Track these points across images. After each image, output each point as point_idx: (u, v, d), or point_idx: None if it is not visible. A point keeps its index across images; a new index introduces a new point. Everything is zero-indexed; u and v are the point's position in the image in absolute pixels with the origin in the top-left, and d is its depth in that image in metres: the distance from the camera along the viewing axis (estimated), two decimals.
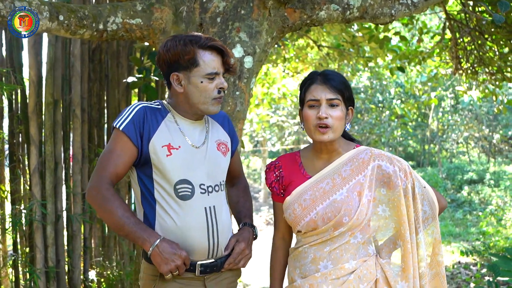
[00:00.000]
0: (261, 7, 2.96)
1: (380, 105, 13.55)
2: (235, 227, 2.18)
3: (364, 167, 1.99)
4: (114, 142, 1.95)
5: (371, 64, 9.08)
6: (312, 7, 3.05)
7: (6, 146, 4.13)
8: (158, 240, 1.87)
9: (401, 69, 7.62)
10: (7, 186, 4.03)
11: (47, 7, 2.71)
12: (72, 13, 2.81)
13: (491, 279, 3.88)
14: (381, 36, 6.77)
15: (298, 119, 15.05)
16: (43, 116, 3.67)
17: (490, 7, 3.87)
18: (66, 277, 4.01)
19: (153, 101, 2.09)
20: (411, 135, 15.39)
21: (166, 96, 2.39)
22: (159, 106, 2.04)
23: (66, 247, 4.02)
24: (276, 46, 8.22)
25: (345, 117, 2.01)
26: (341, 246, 1.96)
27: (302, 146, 17.40)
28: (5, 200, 4.15)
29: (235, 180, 2.33)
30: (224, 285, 2.09)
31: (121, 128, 1.93)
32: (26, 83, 3.85)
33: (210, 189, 2.03)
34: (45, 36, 3.70)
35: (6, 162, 4.14)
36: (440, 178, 14.89)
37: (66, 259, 3.94)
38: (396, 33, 7.22)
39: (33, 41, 3.62)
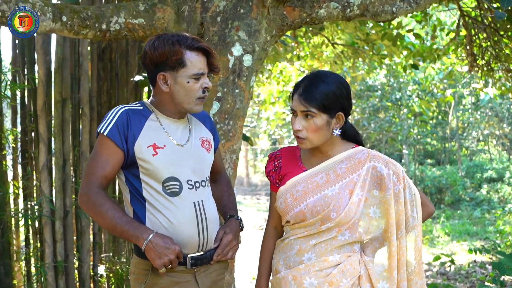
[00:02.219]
0: (260, 6, 3.00)
1: (398, 103, 13.45)
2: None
3: (359, 167, 2.03)
4: (100, 147, 2.01)
5: (387, 61, 9.05)
6: (312, 5, 3.08)
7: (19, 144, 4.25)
8: (151, 235, 1.92)
9: (415, 67, 7.57)
10: (20, 183, 4.15)
11: (50, 8, 2.79)
12: (75, 13, 2.88)
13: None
14: (394, 33, 6.74)
15: None
16: (52, 114, 3.76)
17: (495, 4, 3.85)
18: (76, 272, 4.11)
19: (135, 103, 2.13)
20: (429, 133, 15.26)
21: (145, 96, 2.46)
22: (141, 107, 2.09)
23: (75, 243, 4.11)
24: (292, 44, 8.24)
25: (328, 124, 2.01)
26: (327, 240, 2.00)
27: None
28: (19, 196, 4.28)
29: (217, 175, 2.38)
30: (212, 277, 2.15)
31: (105, 133, 1.98)
32: None
33: (197, 184, 2.09)
34: (54, 36, 3.79)
35: (19, 159, 4.26)
36: (459, 176, 14.75)
37: (75, 254, 4.03)
38: (409, 30, 7.18)
39: (42, 40, 3.71)
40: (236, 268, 3.12)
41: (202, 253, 2.08)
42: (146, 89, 4.69)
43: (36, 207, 3.86)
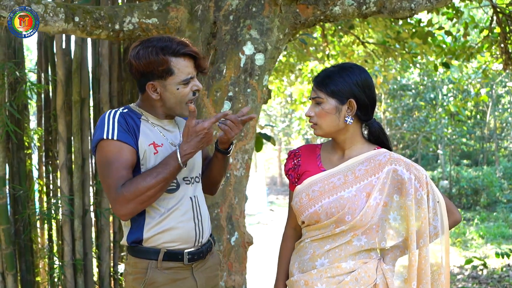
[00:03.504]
0: (272, 4, 2.96)
1: (432, 102, 13.16)
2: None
3: (379, 169, 1.95)
4: (112, 153, 1.94)
5: (420, 60, 8.86)
6: (326, 2, 3.02)
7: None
8: (176, 151, 1.93)
9: (446, 65, 7.39)
10: (40, 182, 4.21)
11: (62, 9, 2.81)
12: (88, 14, 2.90)
13: None
14: (425, 31, 6.59)
15: None
16: (72, 114, 3.80)
17: None
18: (97, 270, 4.15)
19: (121, 108, 2.11)
20: (465, 133, 14.90)
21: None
22: (130, 111, 2.07)
23: (94, 241, 4.15)
24: (324, 44, 8.16)
25: (337, 110, 1.97)
26: (342, 245, 1.94)
27: None
28: (43, 195, 4.34)
29: (205, 161, 2.37)
30: (208, 272, 2.17)
31: (115, 138, 1.94)
32: None
33: (192, 180, 2.12)
34: (73, 37, 3.83)
35: (43, 159, 4.33)
36: (496, 177, 14.35)
37: (95, 253, 4.07)
38: (440, 28, 7.00)
39: (61, 41, 3.76)
40: (248, 270, 3.08)
41: (198, 247, 2.10)
42: None
43: (61, 205, 3.91)
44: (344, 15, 3.09)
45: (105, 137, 1.95)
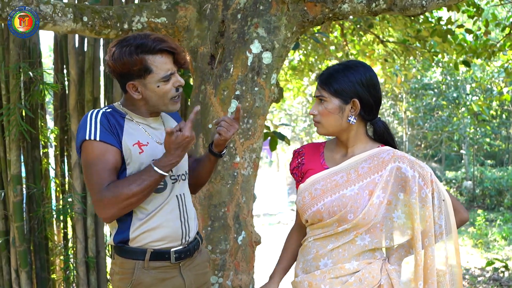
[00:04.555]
0: (280, 2, 2.94)
1: (455, 101, 12.95)
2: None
3: (382, 167, 1.92)
4: (95, 154, 1.92)
5: (441, 58, 8.74)
6: (334, 0, 2.99)
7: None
8: (152, 163, 1.90)
9: (467, 64, 7.27)
10: (54, 180, 4.27)
11: (71, 9, 2.84)
12: (96, 14, 2.93)
13: None
14: (444, 29, 6.49)
15: None
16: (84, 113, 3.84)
17: None
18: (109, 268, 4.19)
19: (104, 107, 2.10)
20: (489, 133, 14.63)
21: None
22: (114, 111, 2.04)
23: (107, 239, 4.19)
24: (344, 43, 8.11)
25: (341, 110, 1.95)
26: (345, 245, 1.91)
27: None
28: (59, 193, 4.40)
29: (190, 159, 2.36)
30: (197, 270, 2.15)
31: (97, 138, 1.92)
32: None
33: (178, 178, 2.10)
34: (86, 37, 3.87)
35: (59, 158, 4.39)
36: None
37: (108, 251, 4.11)
38: (460, 26, 6.89)
39: (74, 41, 3.80)
40: (255, 269, 3.07)
41: (185, 246, 2.09)
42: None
43: (70, 203, 3.96)
44: (353, 13, 3.06)
45: (87, 137, 1.93)
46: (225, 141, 2.13)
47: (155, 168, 1.89)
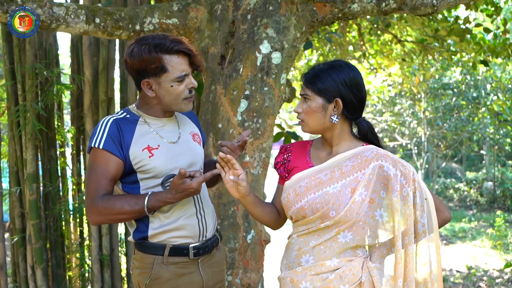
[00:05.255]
0: (289, 2, 2.96)
1: (475, 101, 12.78)
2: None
3: (365, 165, 1.94)
4: (97, 161, 1.99)
5: (459, 58, 8.65)
6: (343, 0, 2.99)
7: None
8: (147, 197, 1.96)
9: (485, 63, 7.18)
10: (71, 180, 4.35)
11: (83, 11, 2.90)
12: (108, 15, 2.98)
13: None
14: (462, 28, 6.42)
15: (385, 116, 14.65)
16: (99, 113, 3.91)
17: None
18: (126, 266, 4.25)
19: (120, 111, 2.15)
20: (510, 133, 14.41)
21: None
22: (128, 115, 2.10)
23: (124, 237, 4.25)
24: (361, 43, 8.08)
25: (324, 109, 1.97)
26: (327, 242, 1.93)
27: (391, 144, 16.91)
28: (74, 192, 4.48)
29: (204, 159, 2.38)
30: (214, 267, 2.19)
31: (101, 147, 1.98)
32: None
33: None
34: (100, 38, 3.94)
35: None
36: None
37: (122, 249, 4.17)
38: (478, 25, 6.82)
39: (88, 43, 3.87)
40: (264, 268, 3.09)
41: (203, 242, 2.13)
42: None
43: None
44: (362, 13, 3.06)
45: (93, 145, 2.00)
46: None
47: (145, 200, 1.96)
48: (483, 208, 13.44)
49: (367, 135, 2.05)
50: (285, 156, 2.16)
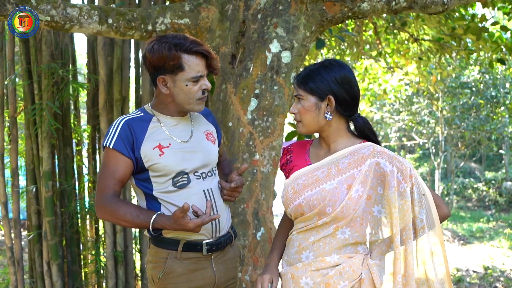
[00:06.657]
0: (298, 2, 2.98)
1: (494, 100, 12.63)
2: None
3: (362, 162, 1.96)
4: (108, 160, 2.08)
5: (477, 56, 8.58)
6: None
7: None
8: (153, 217, 2.02)
9: (502, 62, 7.12)
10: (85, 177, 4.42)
11: (96, 12, 2.95)
12: (121, 16, 3.03)
13: None
14: (479, 27, 6.37)
15: (402, 115, 14.56)
16: (113, 112, 3.97)
17: None
18: (140, 263, 4.30)
19: (135, 110, 2.22)
20: None
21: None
22: (142, 114, 2.17)
23: (137, 234, 4.31)
24: (377, 42, 8.05)
25: (317, 107, 2.01)
26: (325, 238, 1.96)
27: (409, 143, 16.80)
28: (89, 189, 4.55)
29: (220, 158, 2.45)
30: (228, 264, 2.24)
31: (111, 146, 2.06)
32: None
33: (204, 175, 2.18)
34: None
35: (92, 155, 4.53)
36: None
37: (135, 245, 4.23)
38: (495, 23, 6.76)
39: (103, 43, 3.93)
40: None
41: (217, 238, 2.17)
42: None
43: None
44: (372, 12, 3.07)
45: (105, 144, 2.09)
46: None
47: (152, 218, 2.01)
48: (502, 208, 13.30)
49: (364, 131, 2.08)
50: (288, 157, 2.22)
